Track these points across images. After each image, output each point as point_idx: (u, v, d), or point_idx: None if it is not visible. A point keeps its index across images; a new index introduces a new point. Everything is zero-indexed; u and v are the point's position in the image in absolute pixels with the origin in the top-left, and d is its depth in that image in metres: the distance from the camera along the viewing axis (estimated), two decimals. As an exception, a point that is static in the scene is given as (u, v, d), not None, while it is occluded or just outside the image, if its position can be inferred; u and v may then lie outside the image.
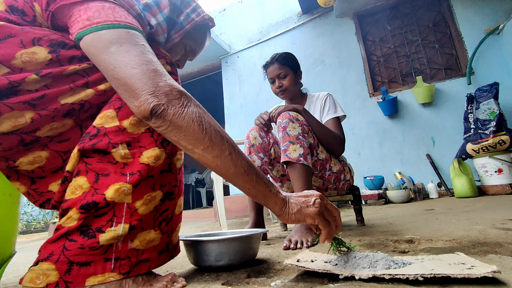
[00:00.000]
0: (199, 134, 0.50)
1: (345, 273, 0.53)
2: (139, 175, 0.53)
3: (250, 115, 4.06)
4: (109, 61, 0.50)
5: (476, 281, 0.46)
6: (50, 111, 0.51)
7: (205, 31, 0.82)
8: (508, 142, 2.26)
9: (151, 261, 0.57)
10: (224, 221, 1.96)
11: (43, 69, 0.51)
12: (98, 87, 0.55)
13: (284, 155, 1.13)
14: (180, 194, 0.65)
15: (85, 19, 0.52)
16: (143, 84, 0.49)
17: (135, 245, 0.54)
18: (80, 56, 0.54)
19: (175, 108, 0.49)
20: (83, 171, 0.53)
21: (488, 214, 1.26)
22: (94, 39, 0.51)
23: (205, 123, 0.51)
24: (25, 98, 0.50)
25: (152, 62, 0.52)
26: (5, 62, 0.49)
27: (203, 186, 6.00)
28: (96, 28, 0.52)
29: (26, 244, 2.43)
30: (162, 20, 0.69)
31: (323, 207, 0.59)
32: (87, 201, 0.51)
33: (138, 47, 0.53)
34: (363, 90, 3.38)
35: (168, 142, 0.58)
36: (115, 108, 0.55)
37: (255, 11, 4.35)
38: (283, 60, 1.38)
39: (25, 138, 0.52)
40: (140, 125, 0.56)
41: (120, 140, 0.54)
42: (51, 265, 0.49)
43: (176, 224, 0.64)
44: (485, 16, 2.95)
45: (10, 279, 0.95)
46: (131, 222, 0.53)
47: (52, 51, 0.52)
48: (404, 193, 2.64)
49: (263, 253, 0.92)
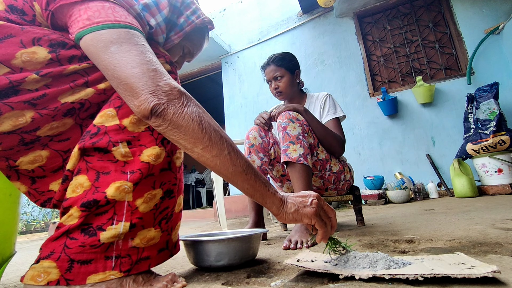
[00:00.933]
0: (199, 134, 0.50)
1: (345, 273, 0.53)
2: (139, 173, 0.54)
3: (250, 115, 4.06)
4: (109, 60, 0.50)
5: (476, 281, 0.46)
6: (51, 110, 0.52)
7: (203, 34, 0.82)
8: (508, 142, 2.26)
9: (151, 259, 0.57)
10: (224, 221, 1.96)
11: (43, 68, 0.51)
12: (98, 86, 0.55)
13: (284, 155, 1.13)
14: (180, 192, 0.66)
15: (85, 18, 0.52)
16: (143, 83, 0.49)
17: (135, 243, 0.54)
18: (80, 56, 0.55)
19: (175, 107, 0.50)
20: (83, 169, 0.53)
21: (488, 214, 1.26)
22: (94, 38, 0.51)
23: (204, 123, 0.51)
24: (26, 97, 0.50)
25: (152, 62, 0.52)
26: (5, 62, 0.49)
27: (203, 186, 6.00)
28: (96, 28, 0.52)
29: (26, 244, 2.43)
30: (161, 20, 0.69)
31: (319, 207, 0.60)
32: (88, 199, 0.51)
33: (138, 47, 0.53)
34: (363, 90, 3.38)
35: (168, 141, 0.59)
36: (115, 107, 0.55)
37: (255, 11, 4.35)
38: (279, 61, 1.38)
39: (25, 137, 0.52)
40: (140, 124, 0.56)
41: (121, 139, 0.54)
42: (52, 263, 0.49)
43: (175, 222, 0.65)
44: (485, 16, 2.95)
45: (10, 279, 0.95)
46: (131, 220, 0.53)
47: (52, 50, 0.52)
48: (404, 193, 2.64)
49: (263, 253, 0.92)
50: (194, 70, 4.77)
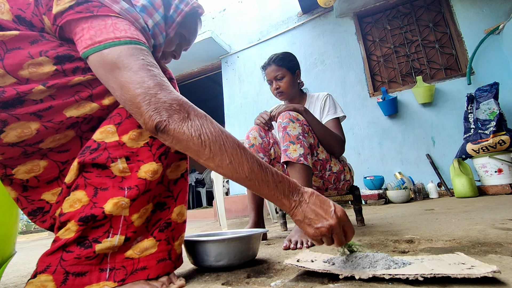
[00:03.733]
0: (199, 147, 0.51)
1: (345, 273, 0.53)
2: (136, 190, 0.55)
3: (250, 115, 4.06)
4: (115, 83, 0.52)
5: (476, 281, 0.46)
6: (56, 124, 0.53)
7: (195, 19, 0.81)
8: (508, 142, 2.26)
9: (149, 269, 0.57)
10: (224, 221, 1.96)
11: (48, 79, 0.52)
12: (103, 101, 0.57)
13: (284, 155, 1.13)
14: (178, 203, 0.64)
15: (88, 38, 0.53)
16: (147, 102, 0.50)
17: (128, 255, 0.55)
18: (83, 67, 0.55)
19: (175, 123, 0.51)
20: (81, 185, 0.54)
21: (488, 214, 1.26)
22: (100, 60, 0.53)
23: (203, 135, 0.52)
24: (32, 109, 0.51)
25: (154, 76, 0.53)
26: (13, 73, 0.50)
27: (203, 186, 6.00)
28: (98, 48, 0.52)
29: (26, 244, 2.43)
30: (160, 19, 0.69)
31: (330, 233, 0.54)
32: (86, 214, 0.52)
33: (139, 62, 0.53)
34: (363, 90, 3.38)
35: (165, 156, 0.60)
36: (115, 124, 0.57)
37: (255, 11, 4.35)
38: (280, 61, 1.38)
39: (28, 149, 0.53)
40: (139, 140, 0.58)
41: (119, 155, 0.55)
42: (49, 276, 0.50)
43: (178, 233, 0.64)
44: (485, 16, 2.95)
45: (10, 279, 0.95)
46: (126, 234, 0.55)
47: (57, 62, 0.53)
48: (404, 193, 2.64)
49: (263, 253, 0.92)
50: (194, 70, 4.76)
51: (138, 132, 0.57)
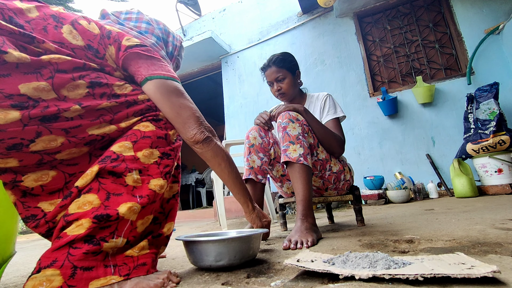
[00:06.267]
0: (219, 159, 0.80)
1: (345, 273, 0.53)
2: (147, 199, 0.62)
3: (250, 115, 4.06)
4: (174, 103, 0.72)
5: (476, 281, 0.46)
6: (78, 139, 0.60)
7: (182, 48, 1.01)
8: (508, 142, 2.26)
9: (148, 266, 0.61)
10: (224, 221, 1.96)
11: (82, 100, 0.60)
12: (120, 124, 0.65)
13: (284, 155, 1.13)
14: (168, 220, 0.72)
15: (152, 69, 0.72)
16: (200, 122, 0.74)
17: (128, 253, 0.59)
18: (109, 94, 0.65)
19: (216, 140, 0.77)
20: (95, 189, 0.58)
21: (488, 214, 1.26)
22: (162, 85, 0.71)
23: (220, 151, 0.79)
24: (65, 125, 0.57)
25: (196, 108, 0.76)
26: (57, 90, 0.57)
27: (203, 186, 5.99)
28: (162, 77, 0.72)
29: (26, 244, 2.43)
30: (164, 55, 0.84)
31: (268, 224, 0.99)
32: (101, 213, 0.56)
33: (187, 96, 0.76)
34: (363, 90, 3.38)
35: (169, 175, 0.69)
36: (132, 141, 0.65)
37: (255, 11, 4.35)
38: (280, 62, 1.37)
39: (45, 158, 0.57)
40: (150, 158, 0.66)
41: (135, 167, 0.63)
42: (56, 270, 0.51)
43: (163, 243, 0.71)
44: (485, 16, 2.95)
45: (10, 279, 0.95)
46: (128, 237, 0.59)
47: (90, 86, 0.62)
48: (404, 193, 2.64)
49: (263, 253, 0.92)
50: (194, 70, 4.77)
51: (149, 151, 0.66)
